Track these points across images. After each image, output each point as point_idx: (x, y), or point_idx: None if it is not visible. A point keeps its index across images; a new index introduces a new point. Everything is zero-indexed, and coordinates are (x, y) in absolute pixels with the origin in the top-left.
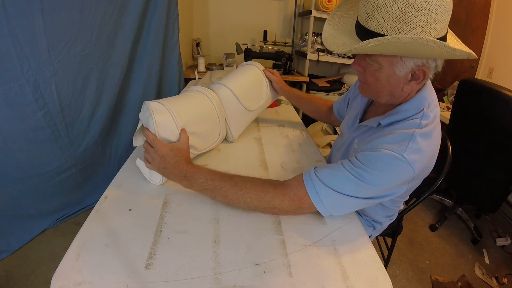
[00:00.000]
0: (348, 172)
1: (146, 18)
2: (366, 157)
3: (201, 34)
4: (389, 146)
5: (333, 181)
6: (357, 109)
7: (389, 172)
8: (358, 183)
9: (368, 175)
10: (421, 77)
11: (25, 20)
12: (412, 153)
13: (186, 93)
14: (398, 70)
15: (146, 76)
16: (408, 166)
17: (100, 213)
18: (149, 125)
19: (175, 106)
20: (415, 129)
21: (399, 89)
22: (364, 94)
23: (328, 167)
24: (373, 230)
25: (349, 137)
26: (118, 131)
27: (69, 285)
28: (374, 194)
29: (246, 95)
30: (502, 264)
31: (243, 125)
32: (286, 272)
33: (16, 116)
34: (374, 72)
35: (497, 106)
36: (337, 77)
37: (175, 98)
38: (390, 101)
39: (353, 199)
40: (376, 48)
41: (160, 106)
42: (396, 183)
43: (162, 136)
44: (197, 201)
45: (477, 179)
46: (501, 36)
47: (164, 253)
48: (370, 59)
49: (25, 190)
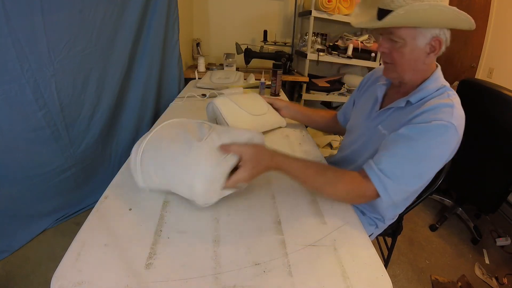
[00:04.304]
0: (406, 154)
1: (146, 18)
2: (417, 130)
3: (201, 34)
4: (436, 116)
5: (396, 172)
6: (373, 98)
7: (441, 139)
8: (417, 160)
9: (423, 149)
10: (437, 47)
11: (25, 20)
12: (456, 119)
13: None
14: (419, 42)
15: (146, 76)
16: (455, 131)
17: (100, 213)
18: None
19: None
20: (451, 99)
21: (421, 62)
22: (389, 75)
23: (386, 157)
24: (375, 228)
25: (368, 127)
26: (118, 131)
27: (69, 285)
28: (433, 164)
29: (243, 103)
30: (502, 264)
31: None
32: (286, 272)
33: (16, 116)
34: (399, 48)
35: (497, 106)
36: (337, 77)
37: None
38: (413, 78)
39: (415, 182)
40: (404, 16)
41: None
42: (447, 149)
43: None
44: None
45: (477, 179)
46: (501, 36)
47: (164, 252)
48: (395, 36)
49: (25, 190)
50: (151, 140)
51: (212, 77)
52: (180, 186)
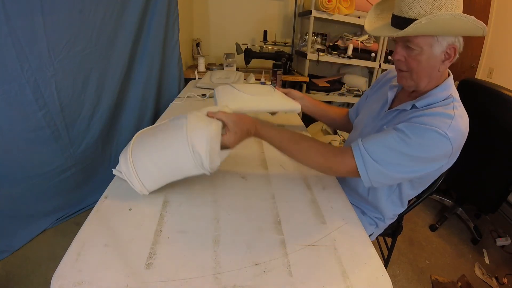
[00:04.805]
0: (394, 143)
1: (146, 18)
2: (412, 128)
3: (201, 34)
4: (433, 123)
5: (379, 154)
6: (383, 99)
7: (431, 144)
8: (402, 152)
9: (412, 146)
10: (452, 55)
11: (25, 20)
12: (453, 132)
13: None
14: (435, 50)
15: (146, 76)
16: (448, 142)
17: (100, 213)
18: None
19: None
20: (453, 110)
21: (436, 70)
22: (404, 82)
23: (375, 139)
24: (376, 228)
25: (374, 127)
26: (118, 131)
27: (69, 285)
28: (414, 164)
29: (246, 88)
30: (502, 264)
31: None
32: (286, 271)
33: (16, 116)
34: (416, 56)
35: (497, 106)
36: (337, 77)
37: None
38: (428, 85)
39: (395, 169)
40: (425, 26)
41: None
42: (434, 155)
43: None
44: (197, 201)
45: (477, 179)
46: (501, 36)
47: (164, 252)
48: (412, 44)
49: (25, 190)
50: (135, 144)
51: (212, 77)
52: (181, 160)
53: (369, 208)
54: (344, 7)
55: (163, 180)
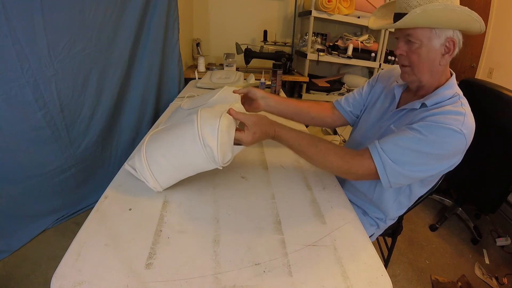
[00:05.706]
0: (411, 143)
1: (146, 18)
2: (427, 127)
3: (201, 34)
4: (447, 121)
5: (397, 155)
6: (390, 98)
7: (448, 142)
8: (420, 151)
9: (429, 144)
10: (451, 48)
11: (25, 20)
12: (466, 128)
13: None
14: (434, 43)
15: (146, 76)
16: (464, 139)
17: (100, 213)
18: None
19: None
20: (463, 108)
21: (437, 63)
22: (407, 78)
23: (392, 140)
24: (376, 229)
25: (381, 126)
26: (118, 131)
27: (69, 285)
28: (433, 162)
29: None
30: (502, 264)
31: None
32: (286, 271)
33: (16, 116)
34: (416, 50)
35: (497, 106)
36: (337, 77)
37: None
38: (430, 80)
39: (414, 169)
40: (420, 15)
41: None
42: (451, 152)
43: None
44: (197, 201)
45: (477, 179)
46: (501, 36)
47: (164, 252)
48: (412, 37)
49: (25, 190)
50: (149, 142)
51: (212, 77)
52: (193, 155)
53: (372, 208)
54: (344, 7)
55: (177, 176)
